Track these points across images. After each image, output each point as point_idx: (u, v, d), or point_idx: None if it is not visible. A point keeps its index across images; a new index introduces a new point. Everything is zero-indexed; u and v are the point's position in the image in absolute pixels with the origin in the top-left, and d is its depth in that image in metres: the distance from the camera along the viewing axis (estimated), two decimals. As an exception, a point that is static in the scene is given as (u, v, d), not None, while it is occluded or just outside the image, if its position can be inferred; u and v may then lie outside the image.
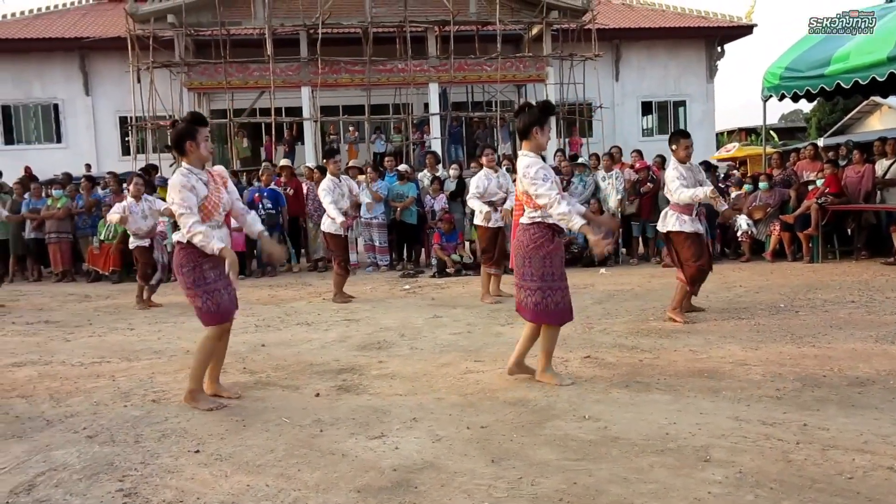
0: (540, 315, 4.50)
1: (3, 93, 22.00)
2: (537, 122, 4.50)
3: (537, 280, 4.47)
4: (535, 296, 4.47)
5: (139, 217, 8.61)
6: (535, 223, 4.51)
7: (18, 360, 5.78)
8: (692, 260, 6.60)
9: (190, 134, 4.28)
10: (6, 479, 3.28)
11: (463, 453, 3.43)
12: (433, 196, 11.65)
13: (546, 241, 4.48)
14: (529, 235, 4.51)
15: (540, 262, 4.47)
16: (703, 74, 24.15)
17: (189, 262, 4.27)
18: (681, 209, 6.61)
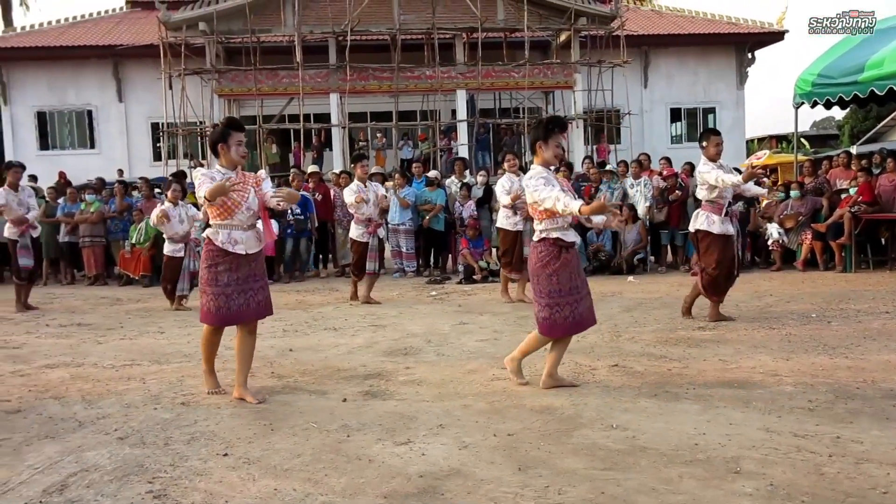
0: (549, 328, 4.59)
1: (38, 99, 22.46)
2: (541, 137, 4.57)
3: (545, 297, 4.55)
4: (543, 311, 4.57)
5: (176, 221, 8.73)
6: (542, 240, 4.58)
7: (52, 362, 5.88)
8: (711, 267, 6.62)
9: (223, 137, 4.48)
10: (39, 478, 3.33)
11: (490, 461, 3.42)
12: (461, 203, 11.66)
13: (552, 259, 4.53)
14: (537, 254, 4.60)
15: (546, 279, 4.54)
16: (733, 81, 23.94)
17: (207, 259, 4.50)
18: (711, 208, 6.62)
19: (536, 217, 4.59)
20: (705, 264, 6.69)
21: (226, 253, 4.45)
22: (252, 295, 4.53)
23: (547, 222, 4.53)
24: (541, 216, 4.55)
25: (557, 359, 4.69)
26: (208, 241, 4.50)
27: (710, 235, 6.63)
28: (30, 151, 22.21)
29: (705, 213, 6.67)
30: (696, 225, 6.74)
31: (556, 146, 4.58)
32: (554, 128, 4.59)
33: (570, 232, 4.63)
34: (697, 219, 6.74)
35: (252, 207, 4.51)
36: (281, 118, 20.98)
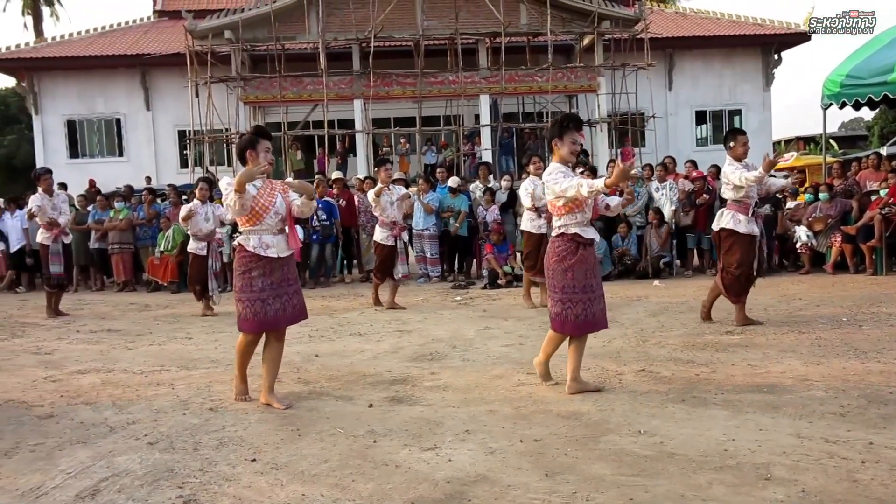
0: (560, 325, 4.63)
1: (68, 108, 22.84)
2: (556, 135, 4.60)
3: (559, 292, 4.59)
4: (556, 307, 4.61)
5: (202, 219, 8.85)
6: (560, 235, 4.60)
7: (83, 368, 5.96)
8: (733, 266, 6.59)
9: (251, 144, 4.53)
10: (72, 483, 3.38)
11: (517, 466, 3.41)
12: (486, 207, 11.65)
13: (568, 255, 4.55)
14: (554, 248, 4.63)
15: (561, 274, 4.56)
16: (759, 82, 23.72)
17: (240, 267, 4.53)
18: (737, 208, 6.58)
19: (556, 213, 4.62)
20: (727, 263, 6.66)
21: (258, 258, 4.49)
22: (287, 299, 4.58)
23: (566, 217, 4.56)
24: (560, 212, 4.56)
25: (578, 362, 4.67)
26: (240, 248, 4.56)
27: (735, 234, 6.58)
28: (60, 159, 22.57)
29: (731, 211, 6.63)
30: (720, 223, 6.69)
31: (571, 143, 4.59)
32: (569, 125, 4.60)
33: (590, 229, 4.64)
34: (722, 217, 6.70)
35: (280, 212, 4.57)
36: (305, 125, 21.14)
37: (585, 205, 4.57)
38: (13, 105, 28.99)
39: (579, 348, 4.68)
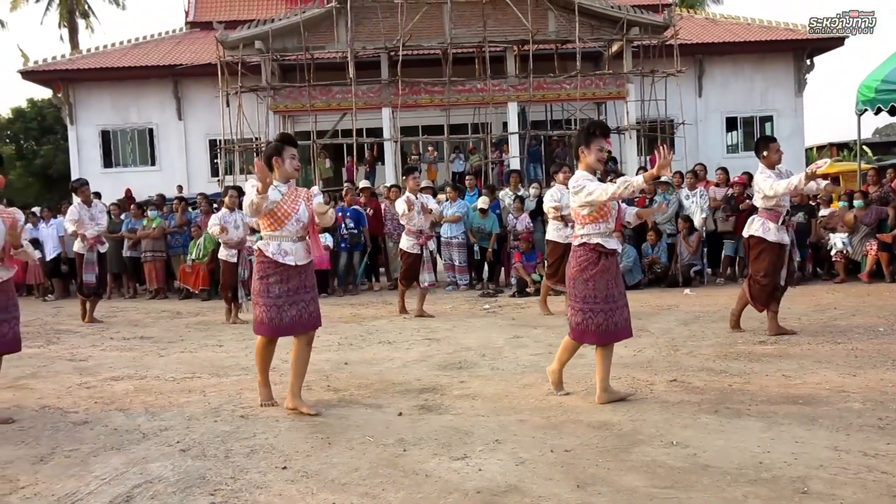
0: (580, 334, 4.62)
1: (102, 118, 23.22)
2: (583, 142, 4.60)
3: (580, 301, 4.56)
4: (577, 316, 4.59)
5: (232, 226, 8.93)
6: (582, 245, 4.58)
7: (116, 375, 6.04)
8: (760, 274, 6.49)
9: (277, 151, 4.59)
10: (106, 489, 3.42)
11: (547, 477, 3.39)
12: (515, 215, 11.61)
13: (590, 265, 4.53)
14: (575, 258, 4.61)
15: (583, 284, 4.55)
16: (791, 88, 23.41)
17: (259, 271, 4.59)
18: (768, 215, 6.51)
19: (579, 221, 4.60)
20: (754, 271, 6.59)
21: (276, 264, 4.52)
22: (304, 307, 4.58)
23: (590, 227, 4.54)
24: (584, 220, 4.54)
25: (607, 372, 4.63)
26: (259, 252, 4.61)
27: (764, 242, 6.51)
28: (94, 169, 22.94)
29: (761, 219, 6.56)
30: (750, 230, 6.62)
31: (598, 150, 4.58)
32: (595, 132, 4.61)
33: (612, 239, 4.62)
34: (752, 224, 6.63)
35: (302, 220, 4.58)
36: (334, 133, 21.27)
37: (609, 215, 4.55)
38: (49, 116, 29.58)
39: (606, 357, 4.63)
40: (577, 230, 4.67)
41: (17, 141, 31.66)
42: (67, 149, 24.28)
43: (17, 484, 3.53)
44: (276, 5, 25.04)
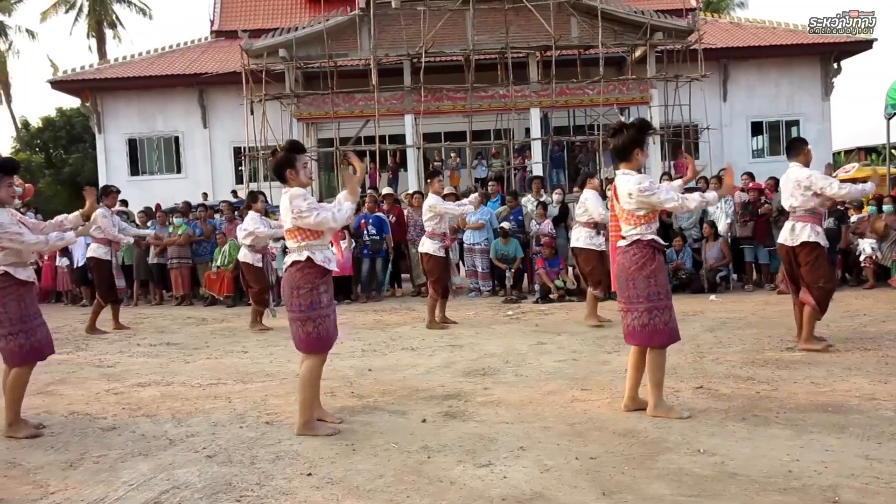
0: (649, 336, 4.38)
1: (129, 127, 23.54)
2: (639, 142, 4.44)
3: (644, 301, 4.37)
4: (642, 317, 4.38)
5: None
6: (635, 242, 4.42)
7: (143, 381, 6.10)
8: (823, 280, 6.14)
9: (289, 162, 4.38)
10: (134, 495, 3.45)
11: (573, 485, 3.37)
12: (538, 221, 11.58)
13: (648, 261, 4.38)
14: (630, 257, 4.42)
15: (644, 281, 4.37)
16: (817, 92, 23.15)
17: (307, 283, 4.30)
18: (814, 219, 6.17)
19: (632, 222, 4.41)
20: (815, 279, 6.11)
21: (324, 272, 4.37)
22: (334, 316, 4.48)
23: (643, 227, 4.40)
24: (638, 221, 4.39)
25: (638, 379, 4.55)
26: (308, 261, 4.32)
27: (818, 247, 6.13)
28: (121, 177, 23.24)
29: (808, 223, 6.14)
30: (801, 237, 6.14)
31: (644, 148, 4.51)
32: (647, 133, 4.54)
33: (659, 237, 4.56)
34: (800, 231, 6.15)
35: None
36: (357, 140, 21.37)
37: (657, 214, 4.49)
38: (78, 125, 29.98)
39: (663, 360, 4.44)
40: (624, 231, 4.47)
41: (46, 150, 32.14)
42: (95, 157, 24.61)
43: (47, 489, 3.57)
44: (300, 13, 25.26)
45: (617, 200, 4.52)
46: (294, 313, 4.33)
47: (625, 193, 4.42)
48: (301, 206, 4.27)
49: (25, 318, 4.52)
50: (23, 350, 4.48)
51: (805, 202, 6.17)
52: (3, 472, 3.86)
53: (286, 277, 4.40)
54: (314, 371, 4.38)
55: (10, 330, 4.46)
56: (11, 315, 4.47)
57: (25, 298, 4.57)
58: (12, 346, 4.47)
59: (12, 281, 4.51)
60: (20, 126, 35.39)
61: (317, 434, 4.30)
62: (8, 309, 4.47)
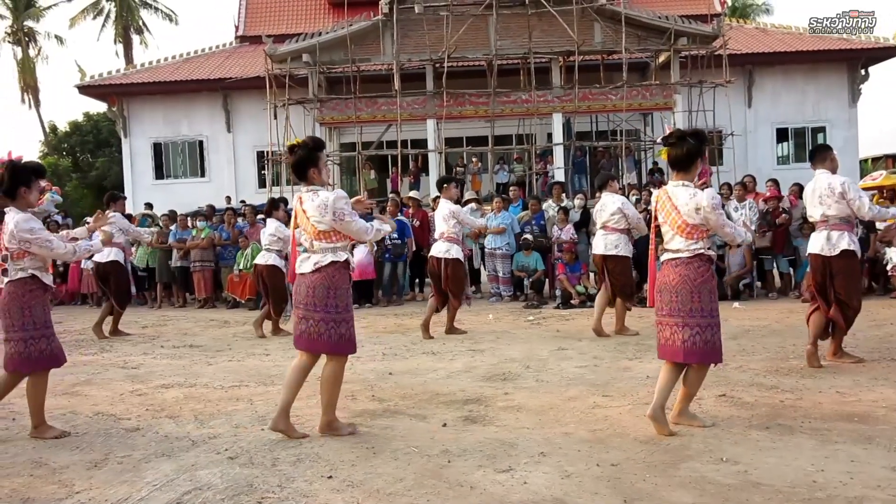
0: (708, 353, 4.24)
1: (154, 131, 23.84)
2: (700, 153, 4.37)
3: (707, 316, 4.21)
4: (705, 333, 4.20)
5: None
6: (698, 255, 4.27)
7: (166, 382, 6.16)
8: (857, 298, 5.91)
9: (312, 160, 4.32)
10: (157, 495, 3.48)
11: (593, 491, 3.35)
12: (559, 227, 11.55)
13: (711, 276, 4.29)
14: (695, 269, 4.25)
15: (708, 296, 4.23)
16: (844, 99, 22.90)
17: (344, 284, 4.31)
18: (849, 227, 5.89)
19: (694, 236, 4.25)
20: (850, 294, 5.85)
21: (349, 275, 4.40)
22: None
23: (706, 241, 4.30)
24: (701, 234, 4.26)
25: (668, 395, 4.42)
26: (346, 263, 4.33)
27: (856, 257, 5.88)
28: (146, 180, 23.57)
29: (846, 231, 5.85)
30: (840, 246, 5.81)
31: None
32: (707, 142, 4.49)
33: None
34: (840, 239, 5.80)
35: None
36: (379, 144, 21.45)
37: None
38: (105, 129, 30.41)
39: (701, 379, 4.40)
40: (685, 243, 4.27)
41: (73, 154, 32.62)
42: (121, 161, 24.94)
43: (72, 488, 3.62)
44: (324, 19, 25.46)
45: (675, 211, 4.31)
46: (327, 314, 4.26)
47: (692, 206, 4.23)
48: (345, 210, 4.27)
49: (48, 324, 4.56)
50: (42, 355, 4.48)
51: (841, 210, 5.85)
52: (29, 470, 3.92)
53: (317, 278, 4.28)
54: (340, 372, 4.38)
55: (33, 334, 4.46)
56: (36, 319, 4.49)
57: (47, 304, 4.62)
58: (31, 349, 4.45)
59: (39, 285, 4.55)
60: (48, 130, 36.00)
61: (339, 434, 4.32)
62: (34, 312, 4.49)
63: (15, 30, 37.76)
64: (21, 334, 4.45)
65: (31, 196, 4.56)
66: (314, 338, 4.30)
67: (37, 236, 4.47)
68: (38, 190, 4.63)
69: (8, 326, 4.50)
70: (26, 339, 4.45)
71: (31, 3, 38.01)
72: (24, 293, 4.48)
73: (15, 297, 4.48)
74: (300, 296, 4.36)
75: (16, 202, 4.53)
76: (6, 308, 4.49)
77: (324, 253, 4.32)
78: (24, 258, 4.49)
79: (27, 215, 4.52)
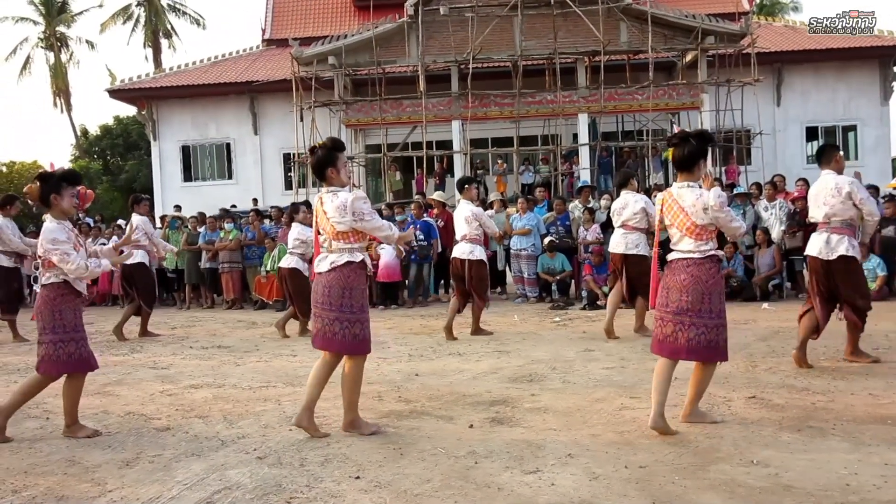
0: (714, 352, 4.29)
1: (183, 134, 24.11)
2: (703, 153, 4.38)
3: (715, 316, 4.26)
4: (710, 333, 4.24)
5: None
6: (709, 257, 4.32)
7: (196, 383, 6.22)
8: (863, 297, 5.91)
9: (331, 160, 4.37)
10: (188, 494, 3.52)
11: (622, 493, 3.33)
12: (585, 227, 11.50)
13: (721, 277, 4.37)
14: (707, 270, 4.29)
15: (718, 297, 4.30)
16: (876, 97, 22.53)
17: (360, 285, 4.39)
18: (850, 231, 5.88)
19: (703, 237, 4.30)
20: (861, 296, 5.88)
21: (366, 276, 4.48)
22: None
23: (713, 242, 4.37)
24: (710, 235, 4.33)
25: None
26: (362, 263, 4.41)
27: (856, 261, 5.88)
28: (175, 183, 23.84)
29: (845, 236, 5.84)
30: (838, 251, 5.82)
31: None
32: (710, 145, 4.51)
33: None
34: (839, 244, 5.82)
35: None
36: (404, 146, 21.49)
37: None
38: (134, 132, 30.81)
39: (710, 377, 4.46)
40: (696, 244, 4.31)
41: (103, 157, 33.10)
42: (150, 164, 25.26)
43: (105, 487, 3.67)
44: (350, 21, 25.56)
45: (683, 213, 4.33)
46: (342, 313, 4.32)
47: (699, 207, 4.26)
48: (364, 210, 4.34)
49: (79, 328, 4.63)
50: (72, 359, 4.54)
51: (844, 211, 5.83)
52: (63, 469, 3.99)
53: (332, 277, 4.34)
54: (359, 372, 4.44)
55: (63, 337, 4.53)
56: (66, 323, 4.56)
57: (79, 309, 4.70)
58: (61, 353, 4.51)
59: (70, 290, 4.63)
60: (80, 134, 36.58)
61: (363, 432, 4.38)
62: (64, 317, 4.56)
63: (48, 35, 38.44)
64: (51, 337, 4.53)
65: (63, 203, 4.65)
66: (329, 337, 4.36)
67: (56, 248, 4.52)
68: (71, 196, 4.71)
69: (41, 329, 4.60)
70: (56, 343, 4.52)
71: (64, 9, 38.66)
72: (55, 297, 4.58)
73: (47, 301, 4.58)
74: (317, 295, 4.44)
75: (51, 210, 4.65)
76: (39, 311, 4.60)
77: (340, 253, 4.38)
78: (54, 266, 4.57)
79: (55, 226, 4.60)
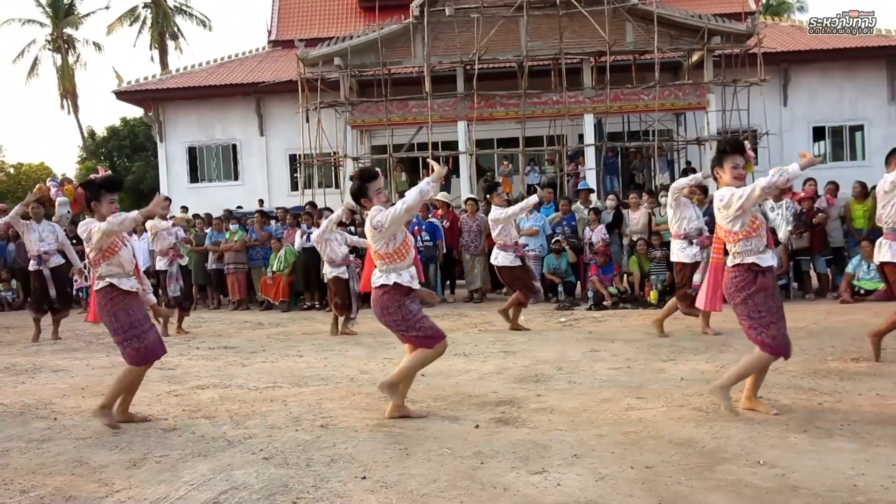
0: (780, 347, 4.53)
1: (189, 135, 24.16)
2: (717, 164, 4.64)
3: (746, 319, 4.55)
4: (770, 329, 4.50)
5: (336, 245, 8.98)
6: (736, 265, 4.51)
7: (202, 383, 6.24)
8: None
9: (362, 192, 4.74)
10: (194, 494, 3.53)
11: (628, 494, 3.33)
12: (591, 228, 11.50)
13: (746, 285, 4.48)
14: (731, 279, 4.56)
15: (742, 304, 4.53)
16: (883, 96, 22.43)
17: (394, 303, 4.71)
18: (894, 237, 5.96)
19: (731, 239, 4.53)
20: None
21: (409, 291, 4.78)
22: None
23: (742, 244, 4.47)
24: (736, 237, 4.48)
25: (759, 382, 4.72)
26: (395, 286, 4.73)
27: None
28: (181, 184, 23.89)
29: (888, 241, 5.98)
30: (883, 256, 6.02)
31: (732, 167, 4.56)
32: (727, 149, 4.61)
33: (767, 255, 4.53)
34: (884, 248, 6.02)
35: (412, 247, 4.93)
36: (410, 147, 21.50)
37: (761, 228, 4.49)
38: (141, 134, 30.90)
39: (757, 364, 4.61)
40: (729, 248, 4.59)
41: (110, 158, 33.20)
42: (157, 165, 25.31)
43: (112, 487, 3.69)
44: (355, 22, 25.56)
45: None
46: (397, 328, 4.80)
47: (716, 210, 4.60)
48: (378, 219, 4.61)
49: (136, 324, 4.85)
50: (139, 353, 4.82)
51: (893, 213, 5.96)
52: (71, 469, 4.00)
53: (374, 298, 4.79)
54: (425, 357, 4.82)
55: (125, 336, 4.82)
56: (122, 323, 4.82)
57: (132, 306, 4.90)
58: (129, 350, 4.81)
59: (117, 291, 4.85)
60: (87, 135, 36.70)
61: (410, 415, 4.76)
62: (119, 318, 4.82)
63: (55, 37, 38.58)
64: (117, 338, 4.86)
65: (102, 209, 4.87)
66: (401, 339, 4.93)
67: (88, 228, 4.80)
68: (110, 202, 4.89)
69: (110, 331, 4.94)
70: (121, 343, 4.84)
71: (70, 11, 38.80)
72: (106, 302, 4.86)
73: (102, 307, 4.89)
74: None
75: (94, 216, 4.94)
76: (101, 316, 4.91)
77: (379, 275, 4.74)
78: (100, 264, 4.83)
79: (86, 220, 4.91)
